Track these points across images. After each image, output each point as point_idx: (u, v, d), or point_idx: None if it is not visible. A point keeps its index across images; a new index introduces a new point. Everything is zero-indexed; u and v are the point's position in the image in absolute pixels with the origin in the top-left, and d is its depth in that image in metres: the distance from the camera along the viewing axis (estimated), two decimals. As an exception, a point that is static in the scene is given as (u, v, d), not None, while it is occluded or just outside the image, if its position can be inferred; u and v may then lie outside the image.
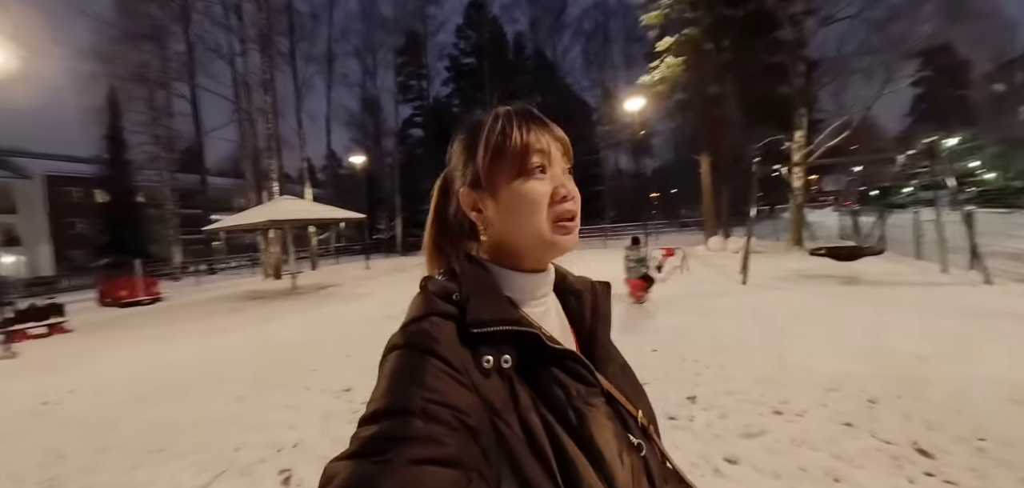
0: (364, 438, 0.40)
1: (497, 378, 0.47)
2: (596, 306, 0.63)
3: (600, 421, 0.50)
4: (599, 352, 0.60)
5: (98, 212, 29.93)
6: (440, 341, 0.46)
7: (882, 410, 2.93)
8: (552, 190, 0.53)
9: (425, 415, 0.40)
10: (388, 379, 0.44)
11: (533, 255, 0.55)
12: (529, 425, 0.46)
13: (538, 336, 0.49)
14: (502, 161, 0.53)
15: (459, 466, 0.39)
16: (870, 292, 6.71)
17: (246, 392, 4.12)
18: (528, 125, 0.54)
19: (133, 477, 2.70)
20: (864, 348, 4.07)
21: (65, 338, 7.93)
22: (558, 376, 0.49)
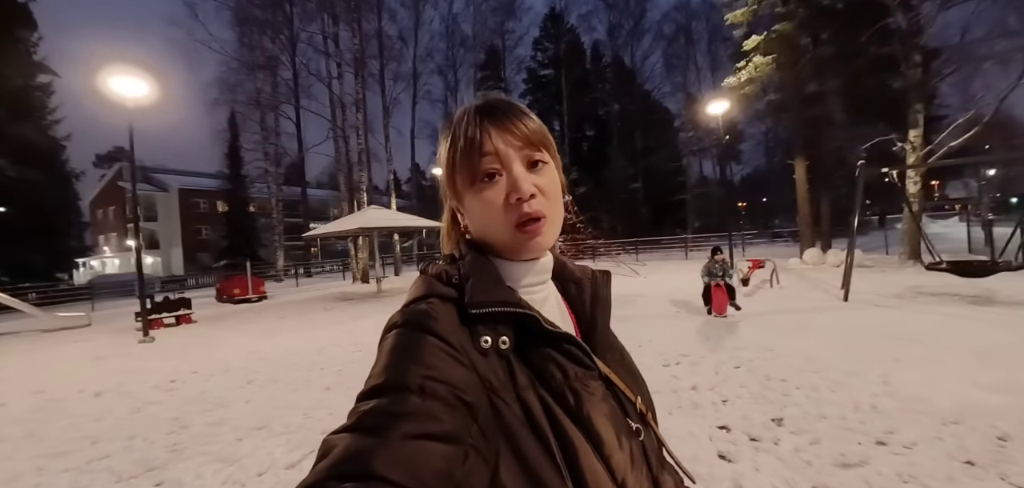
0: (362, 412, 0.40)
1: (495, 358, 0.47)
2: (596, 293, 0.63)
3: (598, 403, 0.50)
4: (598, 339, 0.59)
5: (219, 220, 34.48)
6: (438, 320, 0.46)
7: (1016, 450, 2.50)
8: (505, 195, 0.52)
9: (422, 391, 0.40)
10: (387, 356, 0.44)
11: (508, 253, 0.55)
12: (527, 404, 0.46)
13: (536, 318, 0.49)
14: (457, 172, 0.54)
15: (456, 442, 0.39)
16: (1006, 314, 5.74)
17: (334, 382, 4.49)
18: (479, 128, 0.53)
19: (239, 448, 3.05)
20: (993, 378, 3.50)
21: (190, 327, 9.15)
22: (555, 358, 0.49)
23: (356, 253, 18.59)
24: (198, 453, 3.04)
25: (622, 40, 35.17)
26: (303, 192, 27.06)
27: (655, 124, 33.99)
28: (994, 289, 7.22)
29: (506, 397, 0.45)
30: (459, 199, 0.56)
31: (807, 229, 14.68)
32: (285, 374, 4.93)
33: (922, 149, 11.48)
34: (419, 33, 27.90)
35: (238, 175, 30.32)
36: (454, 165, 0.54)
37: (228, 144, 29.86)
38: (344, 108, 19.61)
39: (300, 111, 24.01)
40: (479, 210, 0.54)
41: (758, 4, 14.55)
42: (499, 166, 0.52)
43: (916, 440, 2.66)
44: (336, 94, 19.80)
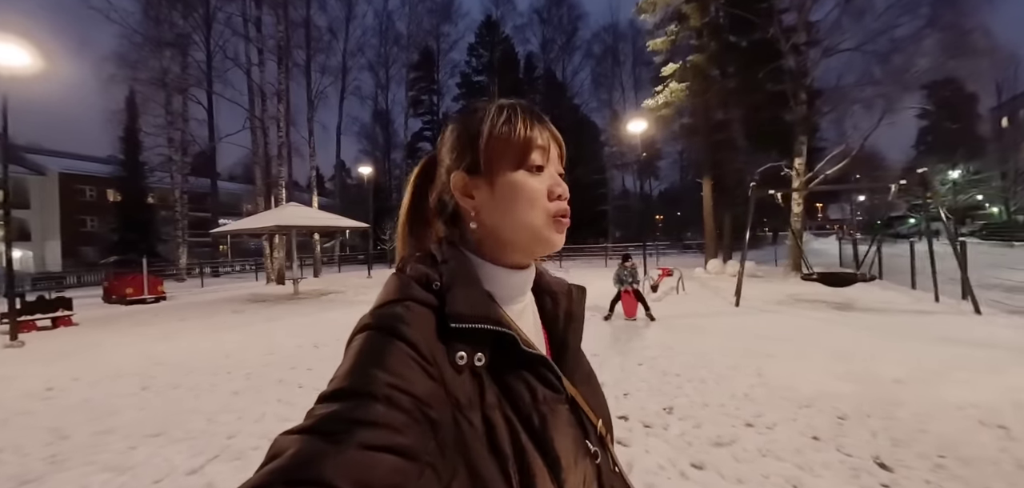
0: (320, 416, 0.39)
1: (468, 374, 0.46)
2: (570, 310, 0.62)
3: (561, 427, 0.50)
4: (569, 357, 0.59)
5: (110, 211, 30.51)
6: (412, 327, 0.45)
7: (851, 426, 3.04)
8: (548, 187, 0.53)
9: (387, 401, 0.39)
10: (353, 359, 0.43)
11: (522, 249, 0.55)
12: (492, 423, 0.46)
13: (515, 338, 0.49)
14: (504, 151, 0.53)
15: (413, 458, 0.38)
16: (860, 318, 6.79)
17: (243, 386, 4.28)
18: (531, 120, 0.54)
19: (131, 456, 2.85)
20: (843, 370, 4.17)
21: (70, 331, 8.14)
22: (527, 379, 0.49)
23: (272, 252, 17.47)
24: (83, 463, 2.80)
25: (554, 54, 36.54)
26: (213, 184, 24.96)
27: (582, 137, 35.51)
28: (854, 297, 8.46)
29: (471, 416, 0.45)
30: (490, 179, 0.53)
31: (711, 242, 16.16)
32: (186, 379, 4.61)
33: (805, 175, 13.15)
34: (351, 26, 27.07)
35: (135, 162, 27.13)
36: (504, 143, 0.53)
37: (124, 127, 26.66)
38: (264, 98, 18.37)
39: (213, 96, 22.15)
40: (516, 194, 0.52)
41: (676, 35, 15.87)
42: (546, 160, 0.54)
43: (777, 421, 3.13)
44: (256, 82, 18.50)
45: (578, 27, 36.70)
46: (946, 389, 3.64)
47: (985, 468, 2.50)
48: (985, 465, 2.53)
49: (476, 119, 0.55)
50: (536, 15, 36.70)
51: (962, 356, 4.54)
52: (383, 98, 32.85)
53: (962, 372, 4.04)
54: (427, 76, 34.62)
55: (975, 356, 4.52)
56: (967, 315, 6.79)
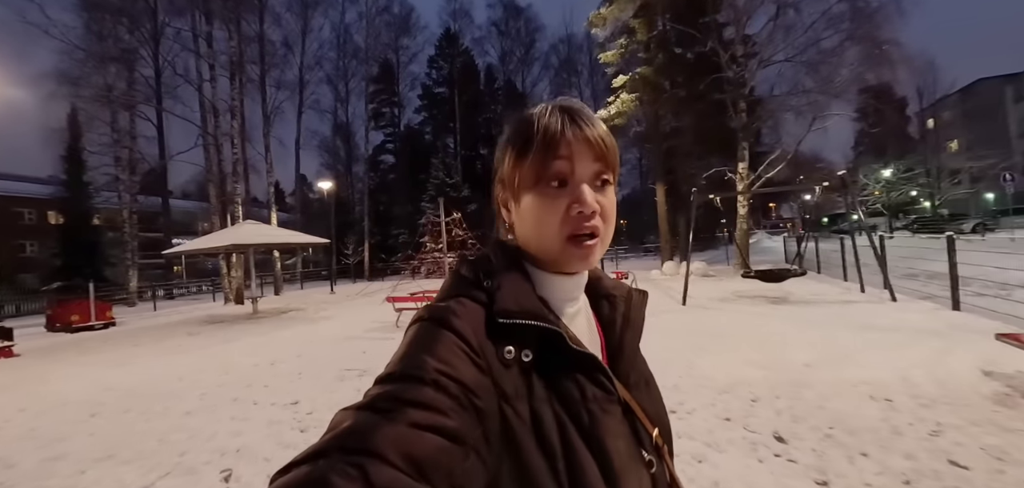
0: (374, 394, 0.41)
1: (516, 369, 0.47)
2: (628, 315, 0.61)
3: (613, 428, 0.49)
4: (624, 362, 0.58)
5: (51, 234, 28.76)
6: (462, 319, 0.47)
7: (760, 408, 3.42)
8: (567, 204, 0.51)
9: (436, 385, 0.41)
10: (407, 346, 0.45)
11: (549, 264, 0.55)
12: (540, 416, 0.46)
13: (561, 335, 0.49)
14: (523, 168, 0.53)
15: (460, 441, 0.39)
16: (791, 310, 7.37)
17: (196, 407, 4.32)
18: (553, 132, 0.52)
19: (81, 479, 2.91)
20: (765, 358, 4.61)
21: (12, 362, 7.79)
22: (576, 377, 0.49)
23: (229, 271, 17.03)
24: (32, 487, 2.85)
25: (513, 65, 37.14)
26: (164, 203, 23.99)
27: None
28: (790, 290, 9.13)
29: (519, 407, 0.45)
30: (515, 196, 0.55)
31: (666, 244, 16.87)
32: (137, 403, 4.60)
33: (748, 178, 13.99)
34: (307, 40, 26.71)
35: (79, 182, 25.76)
36: (522, 161, 0.53)
37: (67, 145, 25.32)
38: (217, 114, 17.91)
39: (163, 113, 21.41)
40: (535, 213, 0.53)
41: (625, 48, 16.58)
42: (569, 173, 0.52)
43: (697, 407, 3.48)
44: (207, 98, 18.03)
45: (536, 39, 37.63)
46: (848, 370, 4.11)
47: (865, 435, 2.90)
48: (866, 433, 2.94)
49: (507, 133, 0.56)
50: (494, 28, 37.33)
51: (869, 340, 5.08)
52: (343, 111, 32.55)
53: (865, 354, 4.55)
54: (388, 89, 34.47)
55: (880, 339, 5.07)
56: (885, 303, 7.48)
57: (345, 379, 4.98)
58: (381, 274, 27.54)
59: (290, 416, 3.88)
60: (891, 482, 2.36)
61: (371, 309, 11.50)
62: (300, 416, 3.87)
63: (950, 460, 2.53)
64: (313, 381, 4.96)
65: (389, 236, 30.72)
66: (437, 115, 35.45)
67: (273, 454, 3.12)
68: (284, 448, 3.22)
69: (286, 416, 3.88)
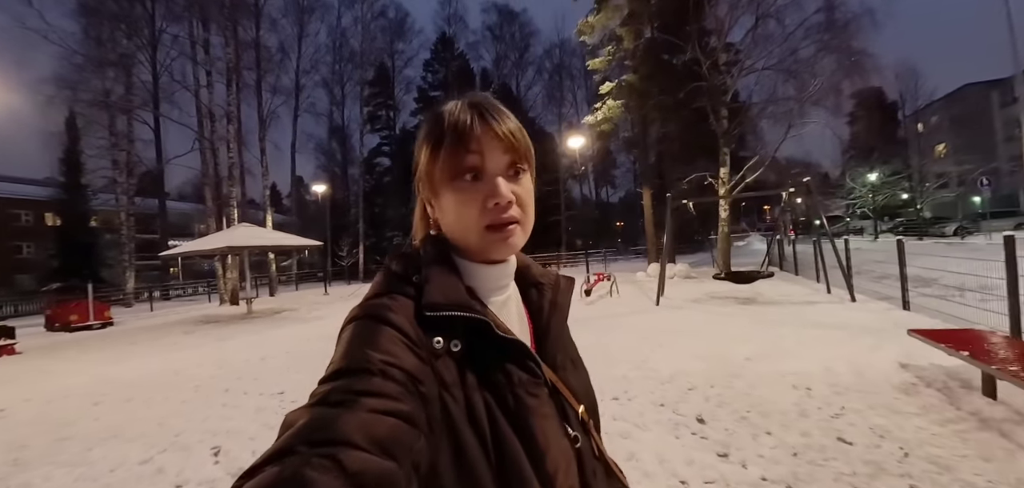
0: (323, 392, 0.41)
1: (447, 358, 0.49)
2: (555, 300, 0.64)
3: (538, 409, 0.51)
4: (551, 344, 0.61)
5: (48, 236, 29.11)
6: (396, 313, 0.48)
7: (693, 395, 3.84)
8: (483, 196, 0.53)
9: (383, 375, 0.42)
10: (347, 343, 0.46)
11: (472, 255, 0.56)
12: (472, 402, 0.48)
13: (489, 324, 0.51)
14: (436, 165, 0.54)
15: (413, 423, 0.41)
16: (755, 310, 7.80)
17: (191, 396, 4.73)
18: (463, 124, 0.53)
19: (89, 455, 3.32)
20: (711, 352, 5.04)
21: (14, 359, 8.17)
22: (503, 364, 0.51)
23: (225, 273, 17.41)
24: (44, 463, 3.24)
25: (508, 70, 37.61)
26: (161, 205, 24.34)
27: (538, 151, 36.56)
28: (760, 291, 9.56)
29: (455, 394, 0.47)
30: (434, 192, 0.56)
31: (652, 246, 17.29)
32: (137, 393, 5.00)
33: (729, 183, 14.43)
34: (303, 44, 27.10)
35: (77, 184, 26.13)
36: (436, 157, 0.54)
37: (65, 149, 25.68)
38: (213, 119, 18.32)
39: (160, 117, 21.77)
40: (454, 208, 0.54)
41: (612, 55, 17.04)
42: (482, 166, 0.53)
43: (638, 394, 3.90)
44: (204, 103, 18.43)
45: (530, 43, 38.17)
46: (782, 362, 4.53)
47: (775, 417, 3.32)
48: (776, 415, 3.35)
49: (422, 131, 0.57)
50: (489, 32, 37.84)
51: (813, 336, 5.51)
52: (339, 114, 32.99)
53: (803, 348, 4.97)
54: (383, 92, 34.92)
55: (822, 336, 5.50)
56: (845, 303, 7.92)
57: (329, 372, 5.38)
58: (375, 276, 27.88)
59: (276, 404, 4.28)
60: (782, 454, 2.78)
61: (362, 309, 11.88)
62: (285, 404, 4.28)
63: (839, 437, 2.95)
64: (299, 374, 5.37)
65: (384, 238, 31.14)
66: (432, 118, 35.83)
67: (259, 434, 3.52)
68: (269, 429, 3.62)
69: (273, 404, 4.28)
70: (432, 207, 0.58)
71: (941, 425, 3.02)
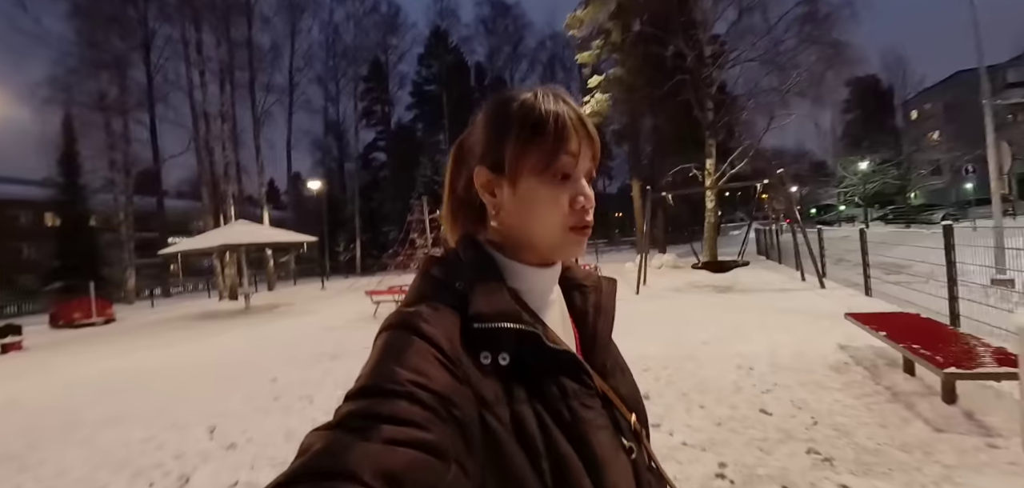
0: (345, 413, 0.39)
1: (493, 374, 0.46)
2: (599, 303, 0.62)
3: (594, 421, 0.49)
4: (599, 351, 0.58)
5: (48, 236, 29.43)
6: (434, 325, 0.45)
7: (647, 375, 4.21)
8: (572, 195, 0.51)
9: (411, 398, 0.39)
10: (377, 357, 0.44)
11: (542, 253, 0.54)
12: (520, 417, 0.45)
13: (539, 336, 0.48)
14: (530, 156, 0.51)
15: (439, 455, 0.37)
16: (728, 297, 8.18)
17: (189, 383, 5.11)
18: (564, 121, 0.51)
19: (97, 434, 3.69)
20: (674, 337, 5.41)
21: (22, 355, 8.55)
22: (555, 375, 0.48)
23: (223, 269, 17.80)
24: (56, 444, 3.62)
25: (502, 63, 37.73)
26: (159, 204, 24.68)
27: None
28: (738, 279, 9.93)
29: (499, 412, 0.44)
30: (513, 181, 0.52)
31: (642, 238, 17.64)
32: (138, 382, 5.38)
33: (714, 174, 14.76)
34: (296, 42, 27.30)
35: (75, 185, 26.40)
36: (528, 147, 0.51)
37: (62, 150, 25.92)
38: (208, 119, 18.63)
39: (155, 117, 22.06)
40: (539, 203, 0.51)
41: (601, 50, 17.28)
42: (574, 166, 0.52)
43: (596, 376, 4.27)
44: (198, 103, 18.73)
45: (523, 36, 38.25)
46: (735, 345, 4.91)
47: (711, 393, 3.68)
48: (713, 391, 3.71)
49: (507, 114, 0.53)
50: (482, 25, 37.96)
51: (773, 321, 5.88)
52: (334, 110, 33.24)
53: (757, 332, 5.34)
54: (378, 87, 35.12)
55: (779, 320, 5.87)
56: (815, 290, 8.30)
57: (318, 361, 5.76)
58: (372, 270, 28.30)
59: (267, 389, 4.66)
60: (707, 424, 3.15)
61: (355, 303, 12.26)
62: (275, 389, 4.65)
63: (761, 409, 3.32)
64: (290, 363, 5.74)
65: (380, 233, 31.47)
66: (428, 112, 36.15)
67: (249, 415, 3.89)
68: (259, 411, 3.99)
69: (263, 389, 4.66)
70: (494, 197, 0.54)
71: (856, 398, 3.39)
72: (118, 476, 2.95)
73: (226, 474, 2.87)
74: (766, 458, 2.66)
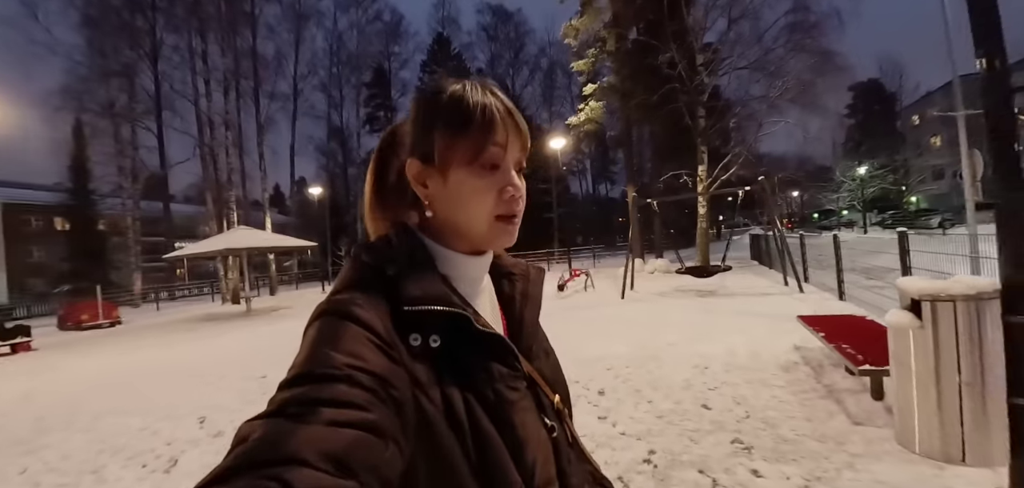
0: (282, 400, 0.39)
1: (425, 355, 0.47)
2: (527, 291, 0.64)
3: (517, 403, 0.51)
4: (525, 336, 0.60)
5: (58, 240, 30.16)
6: (369, 311, 0.46)
7: (608, 374, 4.49)
8: (501, 186, 0.52)
9: (349, 380, 0.39)
10: (311, 344, 0.44)
11: (473, 242, 0.55)
12: (450, 400, 0.47)
13: (468, 318, 0.49)
14: (457, 145, 0.51)
15: (379, 434, 0.38)
16: (709, 301, 8.43)
17: (186, 380, 5.46)
18: (491, 113, 0.52)
19: (97, 423, 4.04)
20: (643, 339, 5.69)
21: (31, 355, 8.96)
22: (483, 358, 0.50)
23: (226, 273, 18.25)
24: (62, 430, 3.97)
25: (503, 69, 38.18)
26: (166, 209, 25.24)
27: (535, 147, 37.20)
28: (722, 284, 10.16)
29: (431, 394, 0.46)
30: (443, 172, 0.53)
31: (636, 243, 17.89)
32: (139, 379, 5.75)
33: (706, 181, 15.01)
34: (301, 50, 27.84)
35: (84, 189, 27.09)
36: (455, 138, 0.52)
37: (72, 156, 26.63)
38: (213, 126, 19.14)
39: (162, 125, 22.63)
40: (467, 193, 0.52)
41: (596, 57, 17.64)
42: (502, 156, 0.53)
43: (561, 374, 4.56)
44: (204, 111, 19.24)
45: (525, 43, 38.70)
46: (698, 346, 5.18)
47: (662, 389, 3.96)
48: (665, 388, 3.99)
49: (435, 106, 0.53)
50: (484, 32, 38.46)
51: (743, 323, 6.13)
52: (338, 116, 33.78)
53: (721, 334, 5.60)
54: (381, 94, 35.69)
55: (752, 323, 6.12)
56: (794, 294, 8.53)
57: (308, 361, 6.10)
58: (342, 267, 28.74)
59: (257, 385, 4.99)
60: (649, 417, 3.44)
61: (353, 306, 12.63)
62: (264, 386, 4.98)
63: (703, 404, 3.60)
64: (281, 362, 5.91)
65: (382, 237, 31.84)
66: (431, 118, 36.54)
67: (239, 408, 4.22)
68: (248, 404, 4.32)
69: (254, 385, 5.00)
70: (425, 188, 0.55)
71: (794, 394, 3.66)
72: (115, 458, 3.29)
73: (211, 457, 3.19)
74: (693, 446, 2.95)
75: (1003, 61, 2.07)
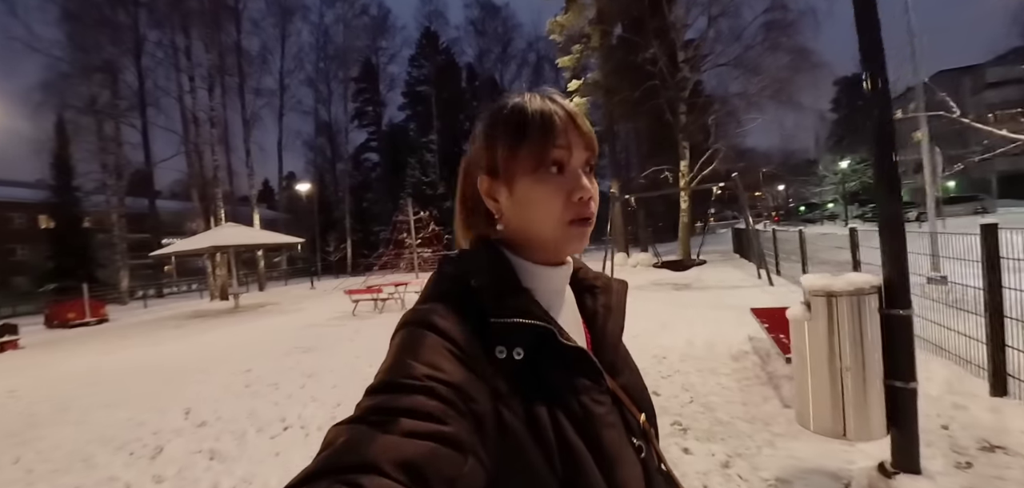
0: (365, 407, 0.40)
1: (508, 368, 0.47)
2: (610, 304, 0.63)
3: (604, 418, 0.50)
4: (609, 351, 0.59)
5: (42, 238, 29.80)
6: (450, 322, 0.46)
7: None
8: (568, 190, 0.52)
9: (427, 391, 0.40)
10: (395, 354, 0.44)
11: (547, 250, 0.55)
12: (534, 414, 0.46)
13: (552, 332, 0.49)
14: (519, 155, 0.52)
15: (457, 447, 0.38)
16: (681, 294, 8.78)
17: (172, 375, 5.67)
18: (550, 118, 0.52)
19: (88, 416, 4.26)
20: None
21: (18, 353, 9.08)
22: (567, 372, 0.49)
23: (214, 270, 18.32)
24: (52, 424, 4.18)
25: (491, 64, 38.23)
26: (152, 205, 25.11)
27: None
28: (697, 276, 10.51)
29: (513, 406, 0.45)
30: (509, 185, 0.54)
31: (619, 238, 18.25)
32: (127, 376, 5.94)
33: (688, 176, 15.37)
34: (287, 45, 27.73)
35: (68, 187, 26.79)
36: (516, 148, 0.52)
37: (55, 153, 26.31)
38: (198, 123, 19.11)
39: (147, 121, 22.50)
40: (535, 199, 0.52)
41: (581, 54, 17.87)
42: (567, 160, 0.52)
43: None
44: (188, 108, 19.21)
45: (512, 37, 38.75)
46: (660, 337, 5.48)
47: (624, 378, 4.27)
48: (626, 376, 4.30)
49: (496, 121, 0.55)
50: (472, 27, 38.46)
51: (709, 315, 6.45)
52: (326, 111, 33.71)
53: (684, 326, 5.92)
54: (369, 89, 35.63)
55: (717, 315, 6.44)
56: (764, 287, 8.89)
57: (291, 354, 6.33)
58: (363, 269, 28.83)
59: (241, 379, 5.22)
60: (604, 401, 3.73)
61: (339, 303, 12.81)
62: (248, 378, 5.22)
63: (653, 391, 3.90)
64: (266, 356, 6.31)
65: (371, 233, 31.98)
66: (420, 112, 36.64)
67: (221, 399, 4.46)
68: (229, 395, 4.56)
69: (238, 379, 5.22)
70: (496, 202, 0.55)
71: (737, 381, 3.97)
72: (104, 448, 3.52)
73: (194, 445, 3.44)
74: (635, 427, 3.25)
75: (884, 80, 2.37)
